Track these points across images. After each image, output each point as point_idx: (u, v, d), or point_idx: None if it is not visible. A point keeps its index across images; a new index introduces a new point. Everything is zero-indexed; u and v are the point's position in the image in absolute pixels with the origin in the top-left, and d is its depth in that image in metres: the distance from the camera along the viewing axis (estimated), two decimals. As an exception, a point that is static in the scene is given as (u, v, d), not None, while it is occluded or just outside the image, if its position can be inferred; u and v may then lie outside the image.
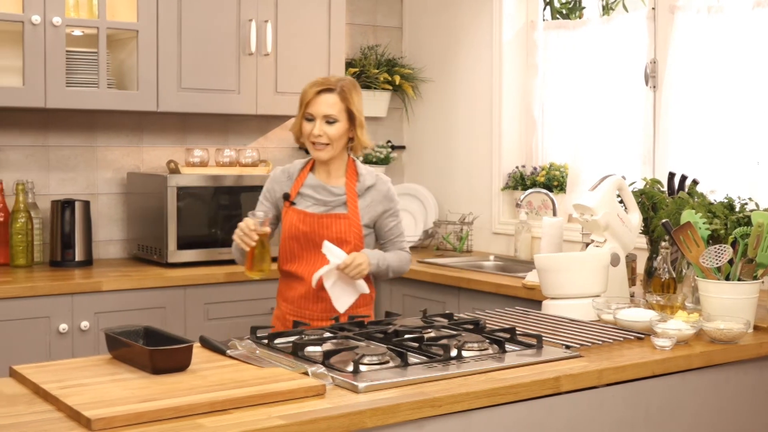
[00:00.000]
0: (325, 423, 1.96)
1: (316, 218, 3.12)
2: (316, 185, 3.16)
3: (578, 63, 4.49)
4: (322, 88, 3.09)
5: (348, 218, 3.13)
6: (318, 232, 3.11)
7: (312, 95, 3.09)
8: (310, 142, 3.11)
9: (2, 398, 2.08)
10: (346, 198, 3.15)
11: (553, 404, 2.32)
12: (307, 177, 3.18)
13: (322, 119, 3.08)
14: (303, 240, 3.13)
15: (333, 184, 3.17)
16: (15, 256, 4.07)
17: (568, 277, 3.00)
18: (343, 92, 3.09)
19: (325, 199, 3.15)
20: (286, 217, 3.16)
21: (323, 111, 3.08)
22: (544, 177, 4.56)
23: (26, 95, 3.82)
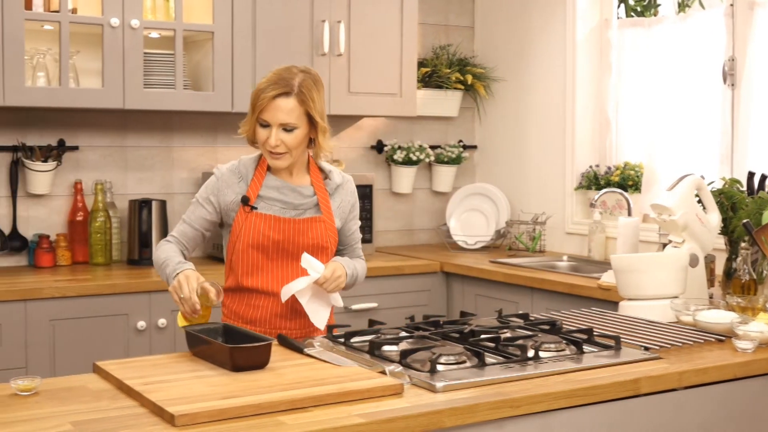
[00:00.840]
0: (404, 422, 1.96)
1: (290, 223, 2.74)
2: (280, 186, 2.76)
3: (653, 61, 4.43)
4: (278, 92, 2.65)
5: (324, 221, 2.79)
6: (292, 239, 2.74)
7: (267, 101, 2.65)
8: (266, 150, 2.70)
9: (87, 393, 2.12)
10: (318, 199, 2.80)
11: (632, 406, 2.30)
12: (266, 177, 2.76)
13: (278, 127, 2.66)
14: (272, 249, 2.74)
15: (297, 183, 2.79)
16: (94, 254, 4.15)
17: (646, 278, 2.96)
18: (301, 95, 2.66)
19: (295, 202, 2.76)
20: (247, 224, 2.72)
21: (279, 119, 2.65)
22: (618, 176, 4.51)
23: (105, 96, 3.89)
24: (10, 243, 4.08)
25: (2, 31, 3.67)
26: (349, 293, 4.15)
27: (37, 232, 4.14)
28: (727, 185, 3.50)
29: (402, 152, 4.91)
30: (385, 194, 5.02)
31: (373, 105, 4.53)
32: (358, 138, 4.93)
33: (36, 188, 4.08)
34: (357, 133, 4.92)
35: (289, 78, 2.67)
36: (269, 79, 2.68)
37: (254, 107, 2.68)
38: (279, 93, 2.65)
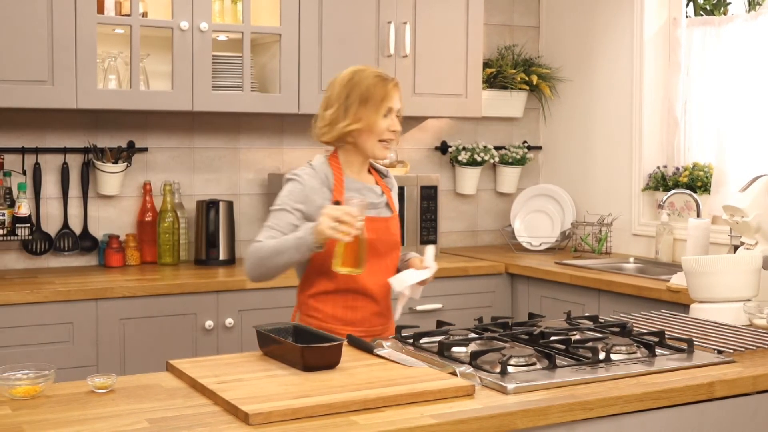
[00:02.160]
0: (477, 423, 1.96)
1: (380, 222, 2.81)
2: (360, 187, 2.84)
3: (723, 60, 4.36)
4: (395, 82, 2.82)
5: (397, 219, 2.90)
6: (384, 238, 2.82)
7: (392, 89, 2.79)
8: (379, 140, 2.78)
9: (162, 391, 2.15)
10: (387, 197, 2.89)
11: (706, 410, 2.26)
12: (345, 179, 2.83)
13: (395, 113, 2.81)
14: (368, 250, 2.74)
15: (369, 183, 2.88)
16: (162, 254, 4.21)
17: (719, 280, 2.92)
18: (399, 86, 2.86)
19: (374, 202, 2.83)
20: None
21: (397, 105, 2.82)
22: (687, 177, 4.45)
23: (175, 99, 3.95)
24: (81, 243, 4.16)
25: (75, 34, 3.74)
26: (414, 294, 4.18)
27: (107, 232, 4.21)
28: (801, 186, 3.43)
29: (466, 153, 4.90)
30: (449, 195, 5.01)
31: (439, 106, 4.53)
32: (422, 139, 4.93)
33: (106, 189, 4.15)
34: (421, 134, 4.92)
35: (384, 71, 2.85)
36: (378, 74, 2.80)
37: (377, 98, 2.76)
38: (396, 82, 2.82)
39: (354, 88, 2.78)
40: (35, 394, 2.09)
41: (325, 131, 2.83)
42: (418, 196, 4.37)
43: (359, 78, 2.79)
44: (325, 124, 2.83)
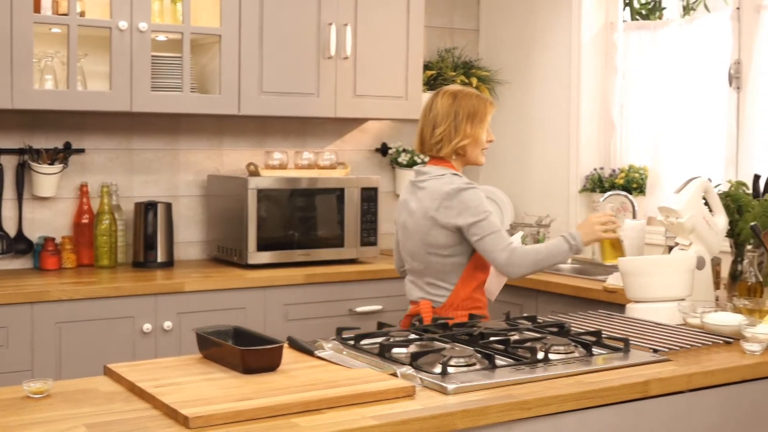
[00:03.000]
0: (417, 424, 1.97)
1: None
2: None
3: (659, 64, 4.45)
4: (490, 100, 3.27)
5: None
6: None
7: (489, 106, 3.23)
8: (480, 150, 3.22)
9: (99, 396, 2.13)
10: None
11: (642, 408, 2.31)
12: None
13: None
14: None
15: None
16: (99, 257, 4.15)
17: (654, 281, 2.97)
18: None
19: None
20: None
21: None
22: (623, 179, 4.52)
23: (113, 99, 3.90)
24: (16, 245, 4.09)
25: (11, 34, 3.68)
26: (354, 295, 4.19)
27: (42, 234, 4.15)
28: (733, 188, 3.51)
29: (407, 155, 4.92)
30: (390, 197, 5.03)
31: (379, 108, 4.54)
32: (362, 140, 4.94)
33: (42, 191, 4.09)
34: (362, 136, 4.93)
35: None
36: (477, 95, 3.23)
37: (483, 114, 3.20)
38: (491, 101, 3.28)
39: (460, 107, 3.19)
40: (-31, 400, 2.05)
41: (440, 147, 3.20)
42: (358, 198, 4.37)
43: (462, 97, 3.21)
44: (437, 141, 3.20)
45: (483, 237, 3.05)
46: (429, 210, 3.11)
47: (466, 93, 3.22)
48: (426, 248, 3.15)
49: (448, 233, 3.10)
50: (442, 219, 3.09)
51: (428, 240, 3.13)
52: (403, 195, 3.29)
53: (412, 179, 3.25)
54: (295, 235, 4.27)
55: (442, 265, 3.15)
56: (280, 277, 4.02)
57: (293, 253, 4.25)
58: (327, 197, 4.34)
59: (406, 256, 3.26)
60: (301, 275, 4.07)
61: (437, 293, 3.18)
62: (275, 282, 4.00)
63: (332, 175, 4.40)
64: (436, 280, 3.18)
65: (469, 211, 3.06)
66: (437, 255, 3.13)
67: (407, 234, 3.22)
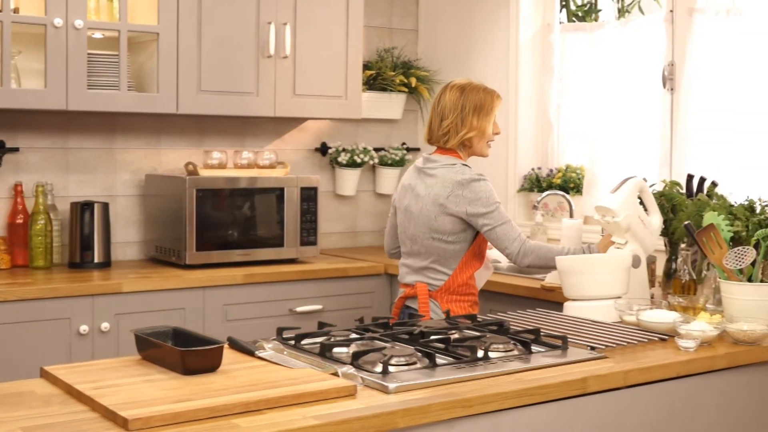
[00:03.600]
0: (359, 423, 1.97)
1: None
2: None
3: (595, 65, 4.51)
4: (497, 94, 3.41)
5: None
6: None
7: (496, 99, 3.39)
8: (486, 142, 3.40)
9: (36, 398, 2.10)
10: None
11: (580, 405, 2.34)
12: None
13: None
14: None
15: None
16: (34, 257, 4.09)
17: (590, 279, 3.01)
18: None
19: None
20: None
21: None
22: (560, 179, 4.58)
23: (48, 97, 3.84)
24: (-52, 246, 4.01)
25: (-59, 30, 3.61)
26: (293, 295, 4.18)
27: (-24, 234, 4.07)
28: (668, 187, 3.58)
29: (346, 154, 4.92)
30: (329, 196, 5.03)
31: (319, 107, 4.54)
32: (302, 140, 4.93)
33: (-25, 190, 4.02)
34: (301, 135, 4.92)
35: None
36: (483, 86, 3.38)
37: (489, 109, 3.36)
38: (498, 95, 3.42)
39: (467, 100, 3.34)
40: None
41: (447, 138, 3.37)
42: (298, 198, 4.36)
43: (469, 91, 3.36)
44: (444, 133, 3.36)
45: (494, 227, 3.25)
46: (439, 197, 3.28)
47: (473, 87, 3.37)
48: (431, 233, 3.32)
49: (456, 221, 3.27)
50: (452, 207, 3.27)
51: (434, 225, 3.30)
52: (408, 180, 3.46)
53: (420, 165, 3.42)
54: (234, 235, 4.25)
55: (443, 251, 3.32)
56: (220, 277, 4.00)
57: (232, 253, 4.23)
58: (267, 197, 4.32)
59: (406, 239, 3.42)
60: (241, 275, 4.05)
61: (435, 277, 3.35)
62: (214, 282, 3.98)
63: (272, 175, 4.38)
64: (436, 265, 3.34)
65: (480, 201, 3.26)
66: (441, 241, 3.31)
67: (410, 217, 3.39)
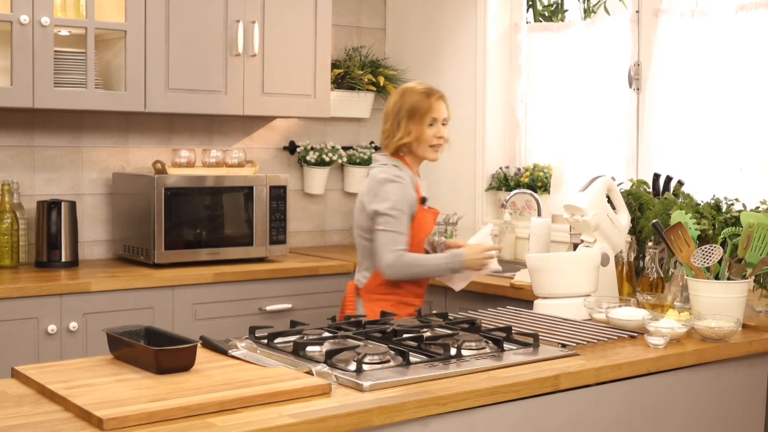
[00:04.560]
0: (334, 421, 1.98)
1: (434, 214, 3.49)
2: (424, 186, 3.48)
3: (562, 65, 4.54)
4: (438, 95, 3.37)
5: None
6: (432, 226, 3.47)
7: (434, 102, 3.33)
8: (429, 146, 3.35)
9: (7, 399, 2.08)
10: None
11: (552, 402, 2.36)
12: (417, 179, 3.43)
13: (441, 122, 3.36)
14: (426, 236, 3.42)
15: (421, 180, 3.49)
16: (0, 256, 4.05)
17: (560, 277, 3.04)
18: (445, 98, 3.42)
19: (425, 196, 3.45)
20: (425, 219, 3.39)
21: (443, 115, 3.37)
22: (528, 178, 4.61)
23: (14, 95, 3.80)
24: None
25: None
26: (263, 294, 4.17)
27: (-60, 234, 4.02)
28: (635, 186, 3.61)
29: (315, 153, 4.92)
30: (298, 195, 5.02)
31: (287, 106, 4.53)
32: (270, 139, 4.92)
33: (-61, 189, 3.97)
34: (269, 134, 4.91)
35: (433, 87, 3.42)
36: (423, 90, 3.36)
37: (422, 111, 3.32)
38: (440, 96, 3.37)
39: (403, 104, 3.34)
40: None
41: (386, 144, 3.39)
42: (267, 196, 4.35)
43: (407, 95, 3.35)
44: (384, 138, 3.40)
45: (385, 230, 3.26)
46: (363, 194, 3.39)
47: (411, 90, 3.37)
48: (357, 230, 3.42)
49: (368, 217, 3.33)
50: (366, 203, 3.34)
51: (358, 222, 3.40)
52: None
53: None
54: (203, 234, 4.23)
55: (365, 249, 3.39)
56: (189, 276, 3.98)
57: (201, 252, 4.21)
58: (235, 196, 4.31)
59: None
60: (210, 274, 4.03)
61: (361, 275, 3.44)
62: (183, 281, 3.96)
63: (240, 173, 4.37)
64: (363, 261, 3.44)
65: (386, 202, 3.27)
66: (362, 237, 3.39)
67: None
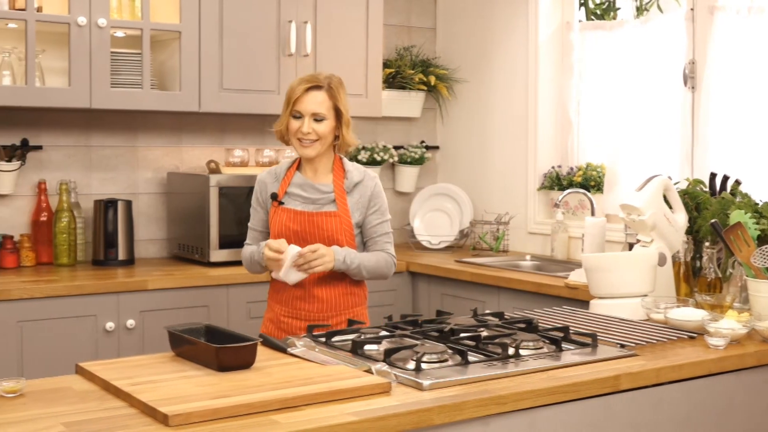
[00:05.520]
0: (395, 420, 1.98)
1: (306, 216, 3.05)
2: (303, 183, 3.08)
3: (615, 63, 4.50)
4: (310, 85, 3.01)
5: (338, 216, 3.06)
6: (309, 230, 3.04)
7: (300, 92, 3.01)
8: (296, 139, 3.03)
9: (73, 395, 2.11)
10: (335, 195, 3.07)
11: (613, 402, 2.34)
12: (294, 176, 3.10)
13: (310, 117, 3.00)
14: (294, 239, 3.03)
15: (320, 181, 3.09)
16: (58, 255, 4.11)
17: (617, 277, 3.02)
18: (330, 89, 3.03)
19: (313, 197, 3.07)
20: (275, 217, 3.08)
21: (312, 109, 3.01)
22: (580, 177, 4.58)
23: (72, 96, 3.86)
24: (-27, 244, 4.03)
25: (-33, 29, 3.63)
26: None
27: (0, 232, 4.08)
28: (691, 186, 3.57)
29: (366, 153, 4.93)
30: (349, 194, 5.03)
31: (339, 105, 4.54)
32: (322, 138, 4.93)
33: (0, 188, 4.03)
34: (321, 134, 4.92)
35: (318, 75, 3.07)
36: (302, 78, 3.05)
37: (288, 101, 3.03)
38: (311, 86, 3.02)
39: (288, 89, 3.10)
40: (-59, 400, 2.03)
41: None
42: (319, 196, 4.36)
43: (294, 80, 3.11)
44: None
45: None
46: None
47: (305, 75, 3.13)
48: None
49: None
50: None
51: None
52: None
53: None
54: (256, 233, 4.25)
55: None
56: (243, 274, 4.00)
57: (254, 251, 4.23)
58: (288, 195, 4.33)
59: None
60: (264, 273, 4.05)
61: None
62: (237, 280, 3.99)
63: (293, 173, 4.39)
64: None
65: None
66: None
67: None
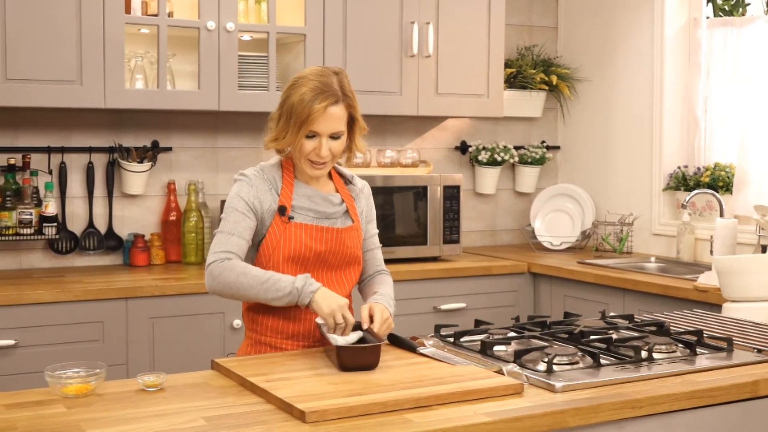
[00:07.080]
0: (529, 421, 1.97)
1: (332, 234, 2.57)
2: (311, 194, 2.59)
3: (744, 60, 4.38)
4: (329, 102, 2.47)
5: (357, 230, 2.64)
6: (335, 249, 2.58)
7: (320, 112, 2.46)
8: (307, 160, 2.52)
9: (211, 390, 2.17)
10: (347, 206, 2.64)
11: (750, 408, 2.28)
12: (295, 185, 2.59)
13: (327, 136, 2.51)
14: (312, 261, 2.56)
15: (326, 191, 2.63)
16: (187, 253, 4.22)
17: (752, 280, 2.94)
18: (346, 98, 2.52)
19: (327, 211, 2.60)
20: (286, 235, 2.53)
21: (331, 129, 2.50)
22: (708, 177, 4.47)
23: (201, 99, 3.96)
24: (106, 242, 4.17)
25: (103, 35, 3.75)
26: (437, 293, 4.19)
27: (131, 231, 4.22)
28: (829, 186, 3.45)
29: (486, 153, 4.91)
30: (469, 195, 5.03)
31: (460, 106, 4.55)
32: (442, 139, 4.95)
33: (131, 188, 4.16)
34: (441, 134, 4.94)
35: (331, 84, 2.49)
36: (313, 88, 2.47)
37: (303, 120, 2.46)
38: (330, 103, 2.47)
39: (289, 96, 2.51)
40: (87, 393, 2.10)
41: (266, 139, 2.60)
42: (441, 196, 4.38)
43: (297, 86, 2.50)
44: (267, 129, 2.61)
45: (216, 232, 2.53)
46: None
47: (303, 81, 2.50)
48: None
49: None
50: None
51: None
52: None
53: None
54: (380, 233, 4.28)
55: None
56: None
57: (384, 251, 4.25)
58: (409, 195, 4.35)
59: None
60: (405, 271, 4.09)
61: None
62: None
63: (415, 173, 4.41)
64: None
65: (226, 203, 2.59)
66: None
67: None
